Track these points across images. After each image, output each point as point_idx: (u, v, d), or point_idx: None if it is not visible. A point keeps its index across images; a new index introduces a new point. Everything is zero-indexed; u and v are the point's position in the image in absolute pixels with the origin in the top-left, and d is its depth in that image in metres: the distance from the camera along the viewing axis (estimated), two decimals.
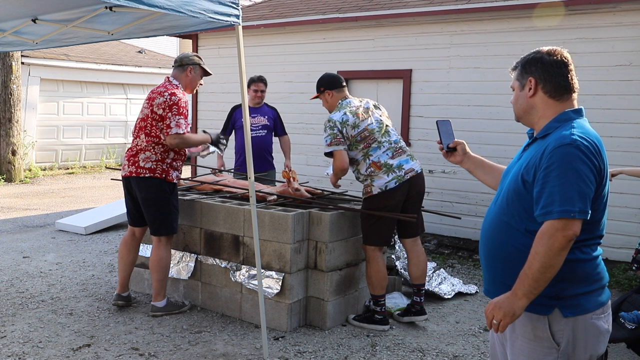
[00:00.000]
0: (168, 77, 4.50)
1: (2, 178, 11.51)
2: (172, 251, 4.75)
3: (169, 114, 4.25)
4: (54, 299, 4.82)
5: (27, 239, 6.96)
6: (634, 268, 4.40)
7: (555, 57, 2.09)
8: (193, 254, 4.69)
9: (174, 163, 4.45)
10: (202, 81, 4.68)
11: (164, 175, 4.37)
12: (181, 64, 4.52)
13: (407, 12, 6.91)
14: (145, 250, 4.92)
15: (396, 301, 4.71)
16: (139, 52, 17.01)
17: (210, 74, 4.75)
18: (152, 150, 4.34)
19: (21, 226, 7.72)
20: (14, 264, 5.86)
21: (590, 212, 1.92)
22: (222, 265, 4.51)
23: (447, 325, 4.50)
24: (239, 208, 4.43)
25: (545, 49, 2.13)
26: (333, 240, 4.27)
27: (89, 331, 4.16)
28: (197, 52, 9.13)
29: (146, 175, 4.33)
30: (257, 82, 6.20)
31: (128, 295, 4.67)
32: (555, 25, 6.12)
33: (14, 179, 11.67)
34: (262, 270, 4.16)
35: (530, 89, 2.12)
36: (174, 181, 4.45)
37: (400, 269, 5.21)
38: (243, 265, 4.40)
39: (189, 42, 11.48)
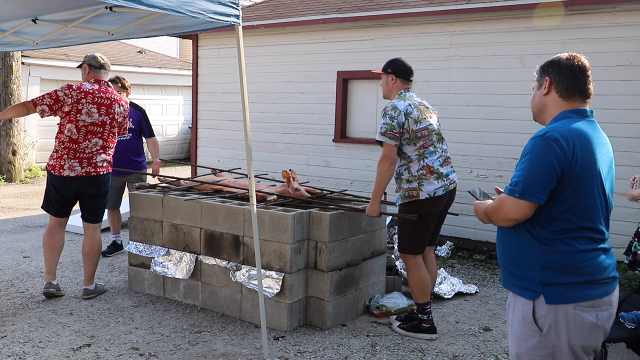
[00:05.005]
0: (106, 82, 4.89)
1: (3, 178, 11.52)
2: (172, 251, 4.81)
3: (126, 119, 4.98)
4: (54, 298, 4.82)
5: (27, 239, 6.97)
6: (637, 271, 4.39)
7: (572, 62, 2.26)
8: (193, 254, 4.69)
9: None
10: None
11: (111, 170, 4.90)
12: (107, 69, 4.93)
13: (407, 12, 6.91)
14: (147, 251, 4.93)
15: (396, 301, 4.71)
16: (139, 52, 17.01)
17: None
18: (105, 153, 4.79)
19: (21, 226, 7.73)
20: (14, 264, 5.87)
21: (543, 197, 2.08)
22: (222, 265, 4.51)
23: (447, 325, 4.50)
24: (239, 208, 4.43)
25: (565, 54, 2.30)
26: (333, 240, 4.27)
27: (89, 331, 4.16)
28: (197, 52, 9.16)
29: (105, 173, 4.81)
30: (115, 85, 6.13)
31: (57, 283, 4.85)
32: (555, 25, 6.12)
33: (14, 179, 11.68)
34: (262, 270, 4.16)
35: (545, 87, 2.28)
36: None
37: (400, 269, 5.21)
38: (243, 265, 4.40)
39: (189, 42, 11.49)
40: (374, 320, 4.54)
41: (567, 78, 2.24)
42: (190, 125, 14.62)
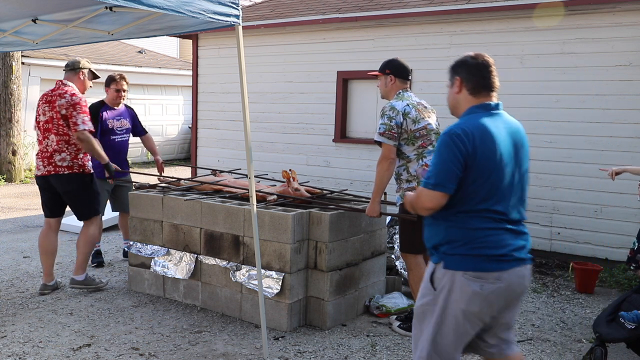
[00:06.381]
0: (62, 81, 4.90)
1: (3, 178, 11.52)
2: (172, 251, 4.80)
3: (74, 112, 4.72)
4: (54, 298, 4.82)
5: (27, 238, 6.97)
6: (632, 267, 4.41)
7: (477, 60, 2.53)
8: (193, 254, 4.69)
9: (86, 156, 4.90)
10: (91, 83, 5.10)
11: (81, 170, 4.82)
12: (73, 67, 4.93)
13: (407, 12, 6.92)
14: (147, 250, 4.93)
15: (396, 301, 4.70)
16: (139, 52, 17.02)
17: (99, 77, 5.15)
18: (66, 150, 4.76)
19: (21, 226, 7.73)
20: (14, 263, 5.87)
21: (453, 186, 2.39)
22: (222, 265, 4.51)
23: None
24: (239, 208, 4.43)
25: (471, 53, 2.56)
26: (333, 240, 4.27)
27: (89, 331, 4.16)
28: (197, 52, 9.16)
29: (65, 172, 4.75)
30: (121, 81, 5.72)
31: (54, 283, 4.98)
32: (555, 25, 6.12)
33: (14, 179, 11.68)
34: (262, 270, 4.16)
35: (457, 86, 2.57)
36: (92, 171, 4.96)
37: (400, 269, 5.21)
38: (243, 265, 4.40)
39: (189, 42, 11.48)
40: (374, 320, 4.54)
41: (474, 76, 2.52)
42: (190, 125, 14.62)
